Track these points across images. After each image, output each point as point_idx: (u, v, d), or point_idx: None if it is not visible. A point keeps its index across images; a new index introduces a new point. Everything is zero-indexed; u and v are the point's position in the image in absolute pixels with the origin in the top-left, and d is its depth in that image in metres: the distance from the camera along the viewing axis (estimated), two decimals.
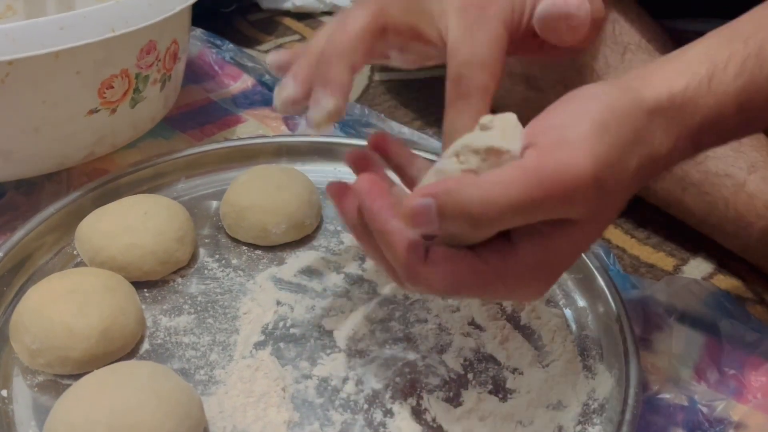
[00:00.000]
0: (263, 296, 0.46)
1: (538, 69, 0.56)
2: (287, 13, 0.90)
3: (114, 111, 0.51)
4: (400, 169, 0.38)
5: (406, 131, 0.62)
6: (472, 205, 0.28)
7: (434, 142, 0.61)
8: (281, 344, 0.43)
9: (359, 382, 0.41)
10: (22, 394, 0.39)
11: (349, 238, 0.51)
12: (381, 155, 0.38)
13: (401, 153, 0.38)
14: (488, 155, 0.29)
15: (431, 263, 0.31)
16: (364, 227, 0.33)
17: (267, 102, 0.67)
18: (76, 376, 0.37)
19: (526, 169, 0.28)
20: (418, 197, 0.29)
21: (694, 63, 0.32)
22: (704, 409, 0.40)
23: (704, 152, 0.37)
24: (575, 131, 0.29)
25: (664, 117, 0.31)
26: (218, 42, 0.72)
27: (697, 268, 0.53)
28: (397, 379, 0.41)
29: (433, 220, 0.28)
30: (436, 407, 0.39)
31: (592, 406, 0.40)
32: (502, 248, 0.31)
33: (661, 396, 0.41)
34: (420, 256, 0.31)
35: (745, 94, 0.31)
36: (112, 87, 0.50)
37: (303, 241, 0.50)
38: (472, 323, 0.45)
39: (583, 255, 0.46)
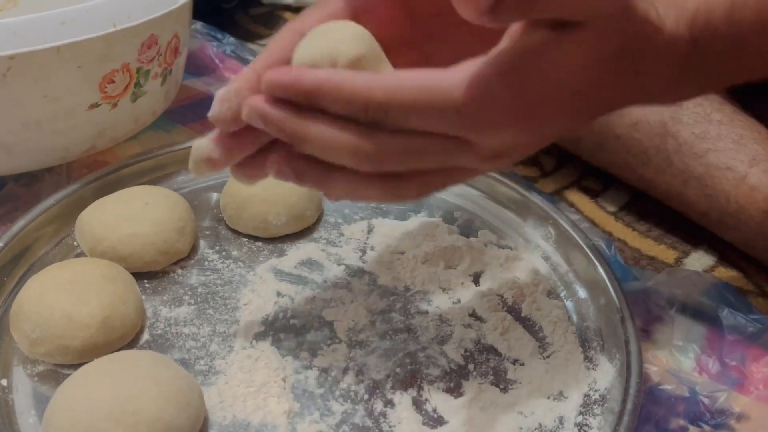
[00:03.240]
0: (263, 287, 0.46)
1: None
2: (288, 8, 0.90)
3: (115, 105, 0.51)
4: None
5: None
6: None
7: None
8: (281, 335, 0.43)
9: (359, 373, 0.41)
10: (22, 383, 0.39)
11: (349, 231, 0.51)
12: None
13: None
14: None
15: (392, 76, 0.29)
16: (294, 114, 0.30)
17: None
18: (76, 366, 0.37)
19: None
20: None
21: None
22: (705, 400, 0.40)
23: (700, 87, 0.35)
24: None
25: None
26: (219, 36, 0.72)
27: (699, 260, 0.53)
28: (398, 370, 0.41)
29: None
30: (436, 397, 0.39)
31: (593, 397, 0.40)
32: (474, 60, 0.28)
33: (662, 387, 0.41)
34: (372, 75, 0.29)
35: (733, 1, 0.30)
36: (114, 81, 0.50)
37: (303, 232, 0.50)
38: (473, 314, 0.45)
39: (584, 246, 0.46)
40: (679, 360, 0.43)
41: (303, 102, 0.30)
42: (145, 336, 0.42)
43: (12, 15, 0.62)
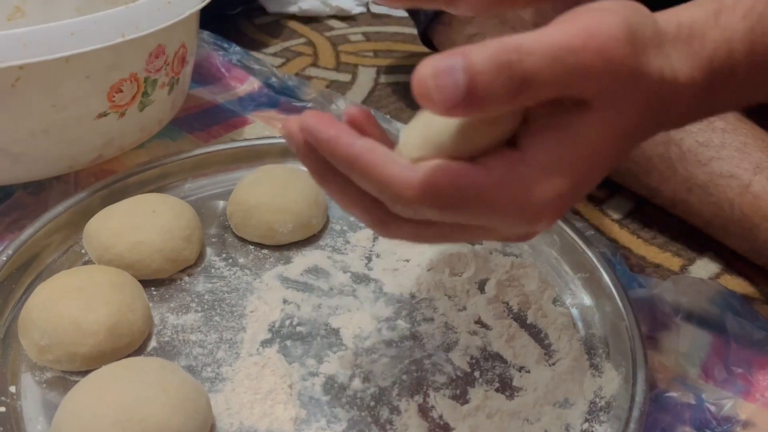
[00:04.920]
0: (270, 295, 0.46)
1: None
2: (293, 17, 0.91)
3: (122, 114, 0.52)
4: None
5: None
6: (507, 51, 0.24)
7: None
8: (288, 342, 0.43)
9: (366, 380, 0.41)
10: (30, 390, 0.39)
11: (355, 238, 0.51)
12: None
13: (381, 135, 0.30)
14: None
15: (424, 174, 0.26)
16: (325, 165, 0.29)
17: (273, 104, 0.67)
18: (84, 373, 0.38)
19: (562, 23, 0.26)
20: (437, 59, 0.23)
21: (700, 1, 0.30)
22: (712, 408, 0.40)
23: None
24: (604, 9, 0.26)
25: (675, 43, 0.29)
26: (225, 45, 0.72)
27: (704, 268, 0.53)
28: (404, 377, 0.41)
29: (459, 82, 0.23)
30: (442, 405, 0.39)
31: (599, 404, 0.40)
32: (508, 154, 0.27)
33: (668, 394, 0.41)
34: (408, 168, 0.26)
35: (754, 35, 0.29)
36: (121, 91, 0.50)
37: (309, 240, 0.50)
38: (479, 322, 0.45)
39: (590, 253, 0.46)
40: (685, 367, 0.43)
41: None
42: (153, 343, 0.42)
43: (20, 25, 0.62)
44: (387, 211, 0.29)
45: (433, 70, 0.23)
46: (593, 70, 0.25)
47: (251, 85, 0.70)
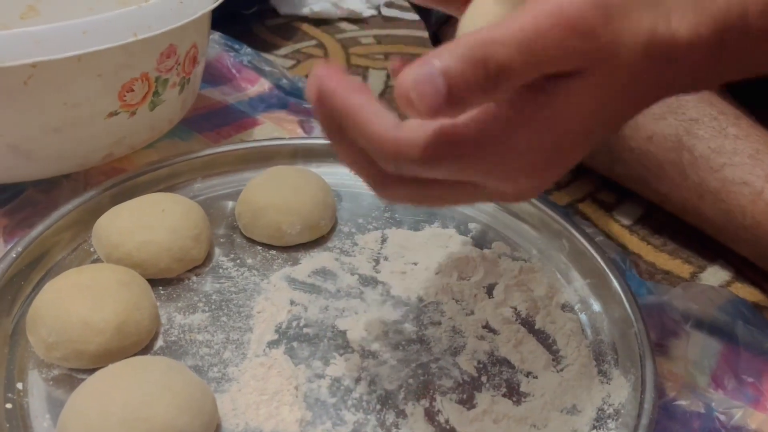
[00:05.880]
0: (277, 296, 0.46)
1: None
2: (305, 19, 0.91)
3: (133, 113, 0.52)
4: None
5: None
6: (478, 47, 0.24)
7: None
8: (294, 343, 0.43)
9: (372, 383, 0.41)
10: (37, 387, 0.39)
11: (363, 240, 0.51)
12: None
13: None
14: None
15: (408, 129, 0.27)
16: (329, 119, 0.30)
17: (283, 105, 0.68)
18: (91, 371, 0.38)
19: (532, 3, 0.25)
20: (416, 68, 0.25)
21: None
22: (721, 417, 0.40)
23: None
24: None
25: (678, 0, 0.28)
26: (236, 46, 0.72)
27: (714, 275, 0.52)
28: (410, 381, 0.41)
29: (439, 87, 0.24)
30: (449, 409, 0.39)
31: (608, 411, 0.39)
32: (494, 111, 0.27)
33: (677, 402, 0.40)
34: (393, 123, 0.27)
35: None
36: (133, 90, 0.50)
37: (317, 242, 0.50)
38: (486, 326, 0.44)
39: (599, 259, 0.46)
40: (695, 375, 0.42)
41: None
42: (159, 342, 0.42)
43: (34, 24, 0.62)
44: (383, 171, 0.29)
45: (413, 81, 0.24)
46: (565, 48, 0.25)
47: (262, 86, 0.70)
